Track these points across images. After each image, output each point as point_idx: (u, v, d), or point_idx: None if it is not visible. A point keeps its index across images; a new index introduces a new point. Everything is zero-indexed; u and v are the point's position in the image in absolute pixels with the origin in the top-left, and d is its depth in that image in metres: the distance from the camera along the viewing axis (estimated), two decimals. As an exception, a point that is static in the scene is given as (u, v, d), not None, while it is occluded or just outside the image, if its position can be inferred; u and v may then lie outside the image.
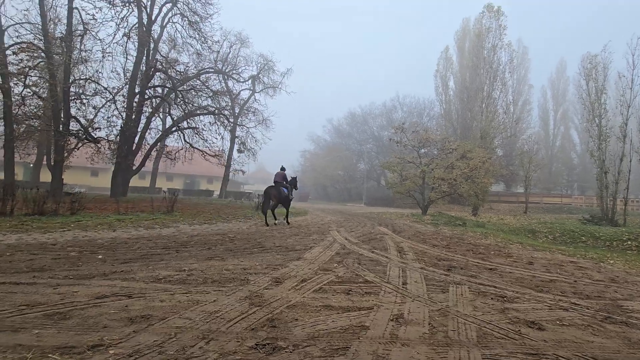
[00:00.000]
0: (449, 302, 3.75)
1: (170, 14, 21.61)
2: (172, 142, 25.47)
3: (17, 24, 15.73)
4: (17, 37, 15.53)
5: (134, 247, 6.30)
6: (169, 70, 20.76)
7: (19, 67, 14.91)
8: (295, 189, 13.00)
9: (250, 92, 32.22)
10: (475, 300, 3.85)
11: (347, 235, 9.34)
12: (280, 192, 11.72)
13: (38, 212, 9.05)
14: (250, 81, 31.56)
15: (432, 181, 22.59)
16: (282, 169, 12.76)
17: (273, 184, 12.07)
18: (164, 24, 21.89)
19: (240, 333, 2.74)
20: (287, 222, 12.17)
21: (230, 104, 28.32)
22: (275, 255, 6.10)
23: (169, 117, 24.39)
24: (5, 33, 15.77)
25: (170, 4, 20.98)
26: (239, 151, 29.57)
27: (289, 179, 12.85)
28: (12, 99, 15.04)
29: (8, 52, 14.90)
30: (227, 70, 29.47)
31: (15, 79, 15.12)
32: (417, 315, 3.27)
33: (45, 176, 23.27)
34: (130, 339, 2.59)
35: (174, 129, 23.38)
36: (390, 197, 34.61)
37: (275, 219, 11.78)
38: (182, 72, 21.65)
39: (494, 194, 36.47)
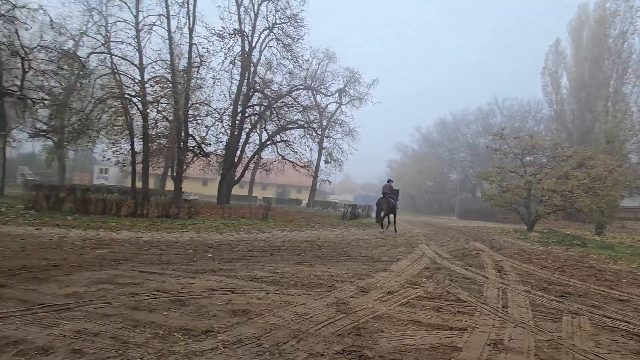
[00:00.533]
0: (562, 333, 3.25)
1: (267, 40, 24.01)
2: (266, 154, 27.90)
3: (153, 62, 19.53)
4: (153, 72, 19.25)
5: (236, 249, 7.08)
6: (266, 90, 22.96)
7: (154, 97, 18.42)
8: (397, 200, 14.00)
9: (337, 104, 33.34)
10: (598, 335, 3.25)
11: (437, 250, 8.82)
12: (389, 202, 12.88)
13: (165, 215, 10.97)
14: (337, 94, 32.70)
15: (541, 193, 19.66)
16: (389, 181, 13.97)
17: (382, 196, 13.29)
18: (262, 49, 24.39)
19: (328, 337, 2.85)
20: (395, 230, 13.22)
21: (318, 117, 29.77)
22: (361, 265, 6.14)
23: (264, 132, 26.81)
24: (145, 70, 19.62)
25: (268, 31, 23.30)
26: (326, 162, 30.66)
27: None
28: (148, 123, 18.57)
29: (147, 85, 18.55)
30: (315, 86, 31.09)
31: (150, 106, 18.66)
32: (520, 343, 2.92)
33: (169, 185, 27.85)
34: (234, 329, 2.94)
35: (268, 142, 25.60)
36: (488, 210, 31.40)
37: (384, 228, 13.04)
38: (277, 90, 23.69)
39: (628, 210, 29.67)
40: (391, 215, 13.58)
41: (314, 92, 31.35)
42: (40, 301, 3.32)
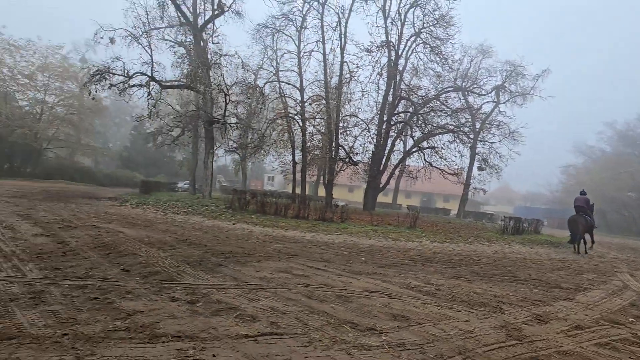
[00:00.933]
0: None
1: (413, 46, 23.71)
2: (412, 162, 27.30)
3: (310, 83, 22.34)
4: (311, 92, 22.02)
5: (387, 255, 7.26)
6: (412, 96, 22.65)
7: (311, 114, 21.01)
8: (592, 216, 12.10)
9: (494, 104, 29.59)
10: None
11: (649, 284, 6.65)
12: (586, 220, 11.39)
13: (321, 218, 12.30)
14: (493, 92, 29.07)
15: None
16: (583, 193, 12.13)
17: (575, 210, 11.73)
18: (408, 56, 24.22)
19: (499, 361, 2.62)
20: (586, 251, 11.41)
21: (470, 120, 27.17)
22: (532, 289, 5.28)
23: (410, 138, 26.37)
24: (304, 91, 22.61)
25: (414, 37, 23.01)
26: (480, 169, 27.53)
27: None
28: (306, 136, 21.24)
29: (306, 104, 21.33)
30: (467, 86, 28.56)
31: (308, 122, 21.32)
32: None
33: (321, 191, 30.92)
34: (395, 332, 3.07)
35: (414, 149, 25.02)
36: None
37: (586, 250, 11.38)
38: (423, 95, 23.01)
39: None
40: (586, 235, 11.55)
41: (465, 93, 28.84)
42: (244, 280, 4.32)
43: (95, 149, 37.25)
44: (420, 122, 22.91)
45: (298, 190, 23.41)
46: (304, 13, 21.16)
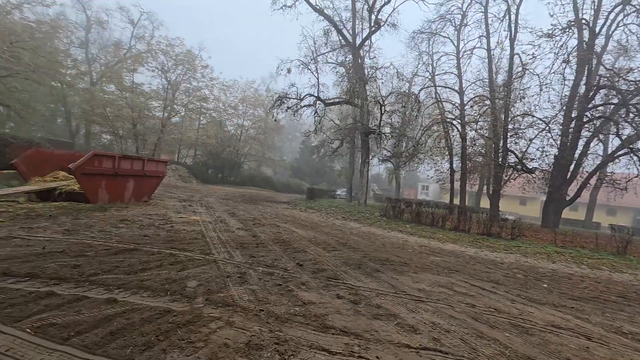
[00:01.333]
0: None
1: (619, 18, 18.21)
2: (617, 168, 20.71)
3: (472, 83, 20.38)
4: (473, 92, 20.06)
5: (580, 286, 5.76)
6: (617, 83, 17.33)
7: (472, 117, 19.07)
8: None
9: None
10: None
11: None
12: None
13: (486, 232, 10.88)
14: None
15: None
16: None
17: None
18: (611, 32, 18.76)
19: None
20: None
21: None
22: None
23: (613, 138, 20.16)
24: (464, 93, 20.80)
25: (621, 6, 17.65)
26: None
27: None
28: (466, 142, 19.39)
29: (466, 107, 19.55)
30: None
31: (468, 126, 19.43)
32: None
33: (484, 203, 27.46)
34: (600, 386, 2.40)
35: (621, 151, 18.96)
36: None
37: None
38: (638, 80, 17.23)
39: None
40: None
41: None
42: (402, 289, 4.31)
43: (275, 161, 45.15)
44: (632, 115, 17.22)
45: (456, 201, 21.56)
46: (463, 10, 19.66)
